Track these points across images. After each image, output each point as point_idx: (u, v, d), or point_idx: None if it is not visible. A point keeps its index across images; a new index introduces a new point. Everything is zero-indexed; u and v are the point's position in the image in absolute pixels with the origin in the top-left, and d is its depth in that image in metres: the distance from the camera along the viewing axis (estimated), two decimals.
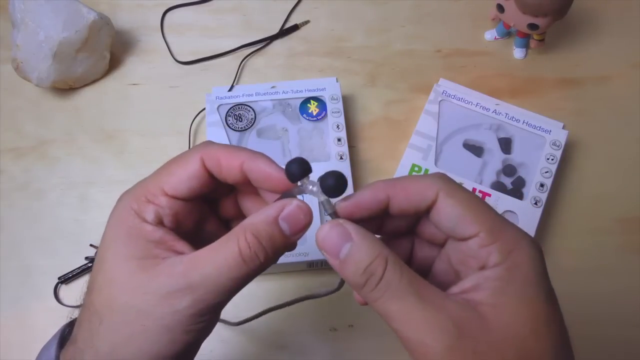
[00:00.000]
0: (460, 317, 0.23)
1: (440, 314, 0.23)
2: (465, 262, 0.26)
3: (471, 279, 0.24)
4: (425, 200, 0.26)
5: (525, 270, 0.24)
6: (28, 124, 0.55)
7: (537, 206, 0.46)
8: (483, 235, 0.24)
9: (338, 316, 0.45)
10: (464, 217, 0.25)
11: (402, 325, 0.23)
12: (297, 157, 0.26)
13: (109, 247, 0.26)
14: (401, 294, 0.23)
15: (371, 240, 0.25)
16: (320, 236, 0.25)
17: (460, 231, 0.25)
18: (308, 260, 0.45)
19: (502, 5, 0.54)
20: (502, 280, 0.23)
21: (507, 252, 0.24)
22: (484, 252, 0.24)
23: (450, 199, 0.25)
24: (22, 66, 0.53)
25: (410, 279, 0.24)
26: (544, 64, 0.58)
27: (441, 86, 0.53)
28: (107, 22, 0.55)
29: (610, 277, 0.47)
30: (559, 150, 0.49)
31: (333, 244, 0.25)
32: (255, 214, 0.26)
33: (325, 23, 0.61)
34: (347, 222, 0.25)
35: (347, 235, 0.25)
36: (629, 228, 0.49)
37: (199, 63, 0.59)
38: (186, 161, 0.28)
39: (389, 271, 0.24)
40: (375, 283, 0.24)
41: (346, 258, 0.24)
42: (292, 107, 0.52)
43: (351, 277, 0.24)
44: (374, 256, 0.24)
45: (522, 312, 0.23)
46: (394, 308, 0.23)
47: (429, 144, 0.49)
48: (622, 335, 0.45)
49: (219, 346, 0.44)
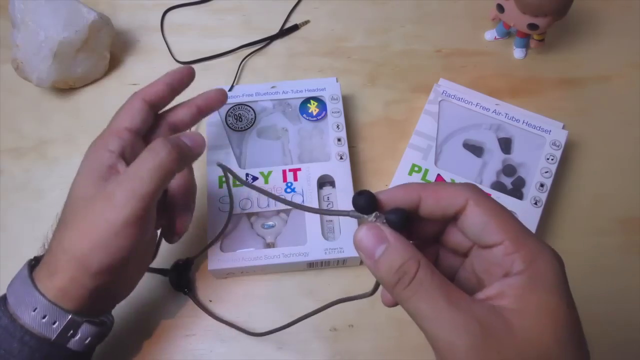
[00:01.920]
0: (486, 319, 0.24)
1: (467, 315, 0.24)
2: (489, 270, 0.27)
3: (495, 286, 0.25)
4: (454, 206, 0.27)
5: (547, 279, 0.25)
6: (28, 124, 0.55)
7: (537, 206, 0.46)
8: (507, 243, 0.26)
9: (338, 316, 0.45)
10: (490, 225, 0.26)
11: (431, 324, 0.24)
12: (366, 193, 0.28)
13: (79, 172, 0.35)
14: (431, 294, 0.25)
15: (405, 243, 0.26)
16: (357, 237, 0.27)
17: (486, 239, 0.26)
18: (308, 260, 0.45)
19: (502, 5, 0.54)
20: (525, 288, 0.25)
21: (529, 261, 0.25)
22: (508, 260, 0.26)
23: (478, 207, 0.27)
24: (22, 66, 0.53)
25: (440, 281, 0.25)
26: (544, 64, 0.58)
27: (441, 86, 0.53)
28: (107, 22, 0.55)
29: (610, 277, 0.47)
30: (559, 150, 0.49)
31: (369, 245, 0.26)
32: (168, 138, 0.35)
33: (325, 23, 0.61)
34: (383, 226, 0.27)
35: (384, 237, 0.26)
36: (629, 228, 0.49)
37: (199, 63, 0.59)
38: (129, 104, 0.38)
39: (421, 272, 0.25)
40: (408, 282, 0.25)
41: (381, 258, 0.26)
42: (292, 107, 0.52)
43: (385, 275, 0.26)
44: (407, 257, 0.25)
45: (545, 319, 0.24)
46: (424, 307, 0.25)
47: (429, 144, 0.49)
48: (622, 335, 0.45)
49: (218, 346, 0.44)
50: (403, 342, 0.44)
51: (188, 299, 0.46)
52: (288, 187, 0.47)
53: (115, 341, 0.45)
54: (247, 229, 0.47)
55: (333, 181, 0.48)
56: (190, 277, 0.47)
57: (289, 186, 0.47)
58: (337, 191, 0.48)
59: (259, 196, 0.47)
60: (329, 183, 0.49)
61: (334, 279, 0.47)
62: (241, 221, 0.47)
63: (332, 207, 0.48)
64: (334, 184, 0.48)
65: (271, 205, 0.47)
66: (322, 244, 0.45)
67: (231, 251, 0.45)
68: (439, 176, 0.48)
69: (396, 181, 0.48)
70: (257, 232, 0.47)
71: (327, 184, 0.49)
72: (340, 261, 0.46)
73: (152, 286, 0.46)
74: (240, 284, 0.47)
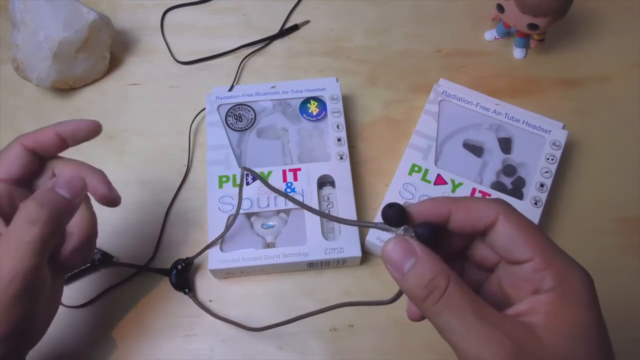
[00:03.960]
0: (517, 335, 0.24)
1: (498, 330, 0.24)
2: (519, 286, 0.27)
3: (526, 303, 0.25)
4: (484, 221, 0.27)
5: (579, 296, 0.25)
6: (28, 124, 0.55)
7: (537, 206, 0.46)
8: (538, 259, 0.25)
9: (338, 316, 0.45)
10: (521, 241, 0.26)
11: (461, 339, 0.24)
12: (396, 205, 0.27)
13: None
14: (462, 309, 0.24)
15: (435, 258, 0.26)
16: (385, 250, 0.27)
17: (516, 254, 0.26)
18: (308, 260, 0.45)
19: (502, 5, 0.54)
20: (556, 305, 0.25)
21: (560, 278, 0.25)
22: (538, 276, 0.25)
23: (508, 222, 0.27)
24: (22, 66, 0.53)
25: (471, 296, 0.25)
26: (544, 64, 0.58)
27: (441, 86, 0.53)
28: (107, 22, 0.55)
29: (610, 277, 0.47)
30: (559, 150, 0.49)
31: (398, 258, 0.26)
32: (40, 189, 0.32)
33: (325, 23, 0.61)
34: (412, 240, 0.27)
35: (412, 251, 0.26)
36: (629, 228, 0.49)
37: (199, 63, 0.59)
38: (7, 150, 0.35)
39: (452, 286, 0.25)
40: (438, 297, 0.25)
41: (410, 272, 0.26)
42: (292, 107, 0.52)
43: (413, 289, 0.26)
44: (437, 272, 0.25)
45: (576, 336, 0.24)
46: (455, 322, 0.25)
47: (429, 144, 0.49)
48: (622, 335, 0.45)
49: (218, 346, 0.44)
50: (403, 342, 0.44)
51: (188, 299, 0.46)
52: (288, 187, 0.47)
53: (114, 341, 0.45)
54: (247, 229, 0.47)
55: (333, 181, 0.48)
56: (190, 277, 0.47)
57: (289, 186, 0.47)
58: (337, 191, 0.48)
59: (259, 196, 0.47)
60: (329, 183, 0.49)
61: (334, 279, 0.47)
62: (241, 221, 0.47)
63: (332, 207, 0.48)
64: (334, 184, 0.48)
65: (271, 206, 0.47)
66: (322, 244, 0.45)
67: (231, 251, 0.45)
68: (439, 176, 0.48)
69: (396, 181, 0.48)
70: (257, 232, 0.47)
71: (327, 184, 0.49)
72: (340, 261, 0.46)
73: (152, 286, 0.46)
74: (240, 284, 0.47)
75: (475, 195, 0.47)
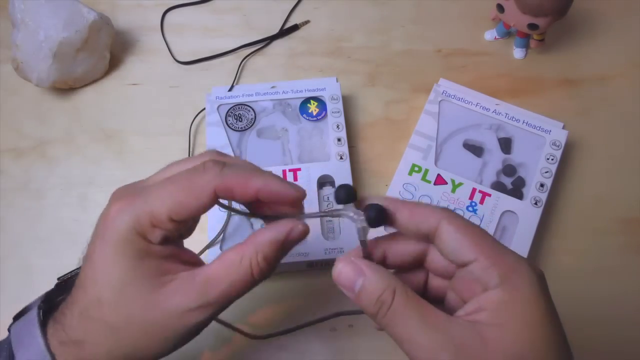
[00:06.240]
0: (461, 337, 0.24)
1: (443, 335, 0.24)
2: (469, 288, 0.27)
3: (474, 302, 0.26)
4: (427, 223, 0.28)
5: (525, 293, 0.25)
6: (28, 124, 0.55)
7: (537, 206, 0.46)
8: (482, 259, 0.26)
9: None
10: (464, 242, 0.27)
11: (409, 347, 0.25)
12: (345, 185, 0.28)
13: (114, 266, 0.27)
14: (407, 319, 0.25)
15: (381, 274, 0.27)
16: (335, 272, 0.28)
17: (461, 256, 0.27)
18: (308, 260, 0.45)
19: (502, 5, 0.54)
20: (502, 302, 0.25)
21: (505, 275, 0.25)
22: (484, 275, 0.26)
23: (451, 225, 0.27)
24: (22, 66, 0.53)
25: (415, 304, 0.26)
26: (544, 64, 0.58)
27: (441, 86, 0.53)
28: (107, 22, 0.55)
29: (610, 277, 0.47)
30: (559, 150, 0.49)
31: (348, 278, 0.27)
32: (264, 233, 0.28)
33: (325, 23, 0.61)
34: (358, 259, 0.28)
35: (360, 271, 0.27)
36: (629, 228, 0.49)
37: (199, 63, 0.59)
38: (198, 192, 0.27)
39: (396, 299, 0.26)
40: (386, 311, 0.26)
41: (360, 291, 0.27)
42: (292, 107, 0.52)
43: (366, 307, 0.27)
44: (384, 287, 0.26)
45: (522, 333, 0.24)
46: (401, 331, 0.25)
47: (429, 144, 0.49)
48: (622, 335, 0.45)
49: (218, 346, 0.44)
50: None
51: None
52: None
53: None
54: (247, 229, 0.47)
55: (333, 181, 0.48)
56: None
57: None
58: None
59: None
60: (329, 183, 0.49)
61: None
62: (241, 221, 0.47)
63: (331, 207, 0.48)
64: (334, 184, 0.48)
65: None
66: (322, 244, 0.45)
67: None
68: (439, 176, 0.48)
69: (396, 181, 0.48)
70: None
71: (327, 184, 0.49)
72: None
73: None
74: None
75: (475, 195, 0.47)
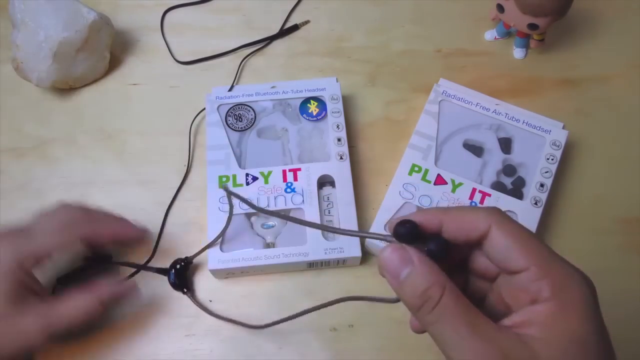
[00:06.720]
0: (510, 349, 0.23)
1: (491, 345, 0.23)
2: (516, 296, 0.26)
3: (522, 313, 0.25)
4: (477, 231, 0.26)
5: (577, 307, 0.24)
6: (28, 124, 0.55)
7: (537, 206, 0.46)
8: (534, 269, 0.25)
9: (338, 316, 0.45)
10: (515, 250, 0.25)
11: (453, 352, 0.24)
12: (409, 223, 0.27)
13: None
14: (455, 321, 0.24)
15: (431, 268, 0.26)
16: (382, 257, 0.27)
17: (511, 264, 0.26)
18: (308, 260, 0.45)
19: (502, 5, 0.54)
20: (553, 316, 0.24)
21: (558, 287, 0.24)
22: (534, 286, 0.25)
23: (501, 231, 0.26)
24: (22, 66, 0.53)
25: (466, 307, 0.25)
26: (544, 64, 0.58)
27: (441, 86, 0.53)
28: (107, 22, 0.55)
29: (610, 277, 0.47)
30: (559, 150, 0.49)
31: (395, 266, 0.26)
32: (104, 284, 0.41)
33: (325, 23, 0.61)
34: (409, 247, 0.26)
35: (409, 259, 0.26)
36: (629, 228, 0.49)
37: (199, 63, 0.59)
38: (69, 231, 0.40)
39: (446, 297, 0.25)
40: (432, 307, 0.25)
41: (405, 280, 0.26)
42: (292, 107, 0.52)
43: (409, 298, 0.26)
44: (432, 282, 0.25)
45: (573, 348, 0.23)
46: (447, 334, 0.24)
47: (429, 144, 0.49)
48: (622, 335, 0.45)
49: (218, 346, 0.44)
50: (403, 342, 0.44)
51: (188, 299, 0.46)
52: (288, 187, 0.47)
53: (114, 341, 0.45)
54: (247, 229, 0.47)
55: (333, 181, 0.48)
56: (190, 277, 0.47)
57: (288, 186, 0.47)
58: (337, 191, 0.48)
59: (259, 196, 0.47)
60: (329, 183, 0.49)
61: (334, 279, 0.47)
62: (241, 221, 0.47)
63: (332, 207, 0.48)
64: (334, 184, 0.48)
65: (271, 206, 0.47)
66: (322, 244, 0.45)
67: (231, 251, 0.45)
68: (439, 176, 0.48)
69: (396, 181, 0.48)
70: (257, 232, 0.47)
71: (327, 184, 0.49)
72: (340, 261, 0.46)
73: (152, 286, 0.46)
74: (240, 284, 0.47)
75: (475, 196, 0.47)
